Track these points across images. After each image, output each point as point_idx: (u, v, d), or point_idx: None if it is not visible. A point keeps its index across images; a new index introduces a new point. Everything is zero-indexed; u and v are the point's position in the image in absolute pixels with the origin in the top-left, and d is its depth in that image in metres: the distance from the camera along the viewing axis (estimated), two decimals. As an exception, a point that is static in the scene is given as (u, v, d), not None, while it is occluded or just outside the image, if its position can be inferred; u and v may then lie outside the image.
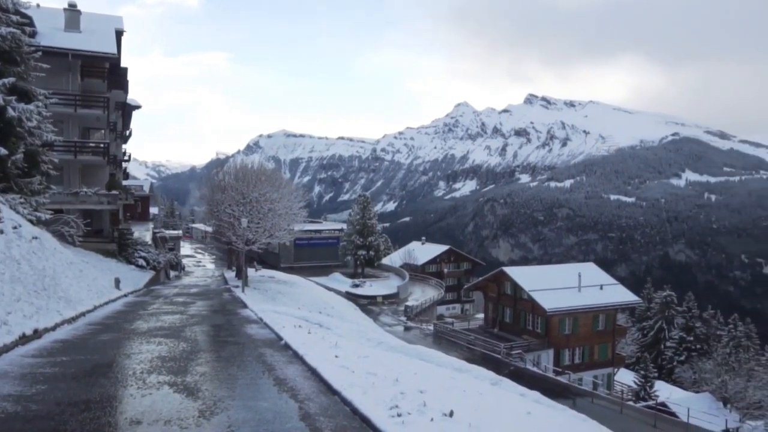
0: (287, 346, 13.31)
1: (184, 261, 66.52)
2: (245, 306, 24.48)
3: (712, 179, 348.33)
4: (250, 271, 43.39)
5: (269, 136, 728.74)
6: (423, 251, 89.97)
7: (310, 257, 76.43)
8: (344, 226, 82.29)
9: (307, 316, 23.57)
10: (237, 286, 34.62)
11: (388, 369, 10.38)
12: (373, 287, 67.56)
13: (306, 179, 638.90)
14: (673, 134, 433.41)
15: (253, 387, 9.33)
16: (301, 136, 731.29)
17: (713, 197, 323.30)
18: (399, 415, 7.20)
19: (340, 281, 68.17)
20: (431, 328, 53.96)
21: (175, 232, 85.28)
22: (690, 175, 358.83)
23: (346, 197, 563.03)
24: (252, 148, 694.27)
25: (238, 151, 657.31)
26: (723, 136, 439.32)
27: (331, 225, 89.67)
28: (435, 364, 15.02)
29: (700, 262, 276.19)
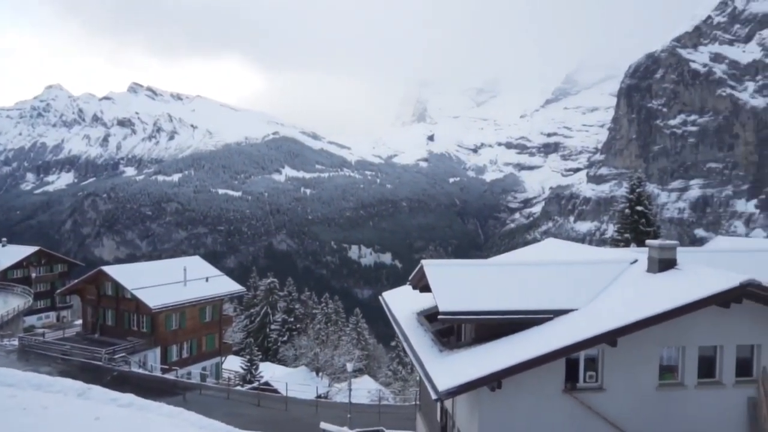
0: None
1: None
2: None
3: (307, 175, 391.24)
4: None
5: None
6: (5, 254, 78.42)
7: None
8: None
9: None
10: None
11: None
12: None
13: None
14: (273, 133, 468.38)
15: None
16: None
17: (308, 191, 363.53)
18: None
19: None
20: (16, 343, 46.96)
21: None
22: (289, 171, 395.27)
23: None
24: None
25: None
26: (315, 136, 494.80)
27: None
28: (4, 385, 12.76)
29: (299, 250, 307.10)
